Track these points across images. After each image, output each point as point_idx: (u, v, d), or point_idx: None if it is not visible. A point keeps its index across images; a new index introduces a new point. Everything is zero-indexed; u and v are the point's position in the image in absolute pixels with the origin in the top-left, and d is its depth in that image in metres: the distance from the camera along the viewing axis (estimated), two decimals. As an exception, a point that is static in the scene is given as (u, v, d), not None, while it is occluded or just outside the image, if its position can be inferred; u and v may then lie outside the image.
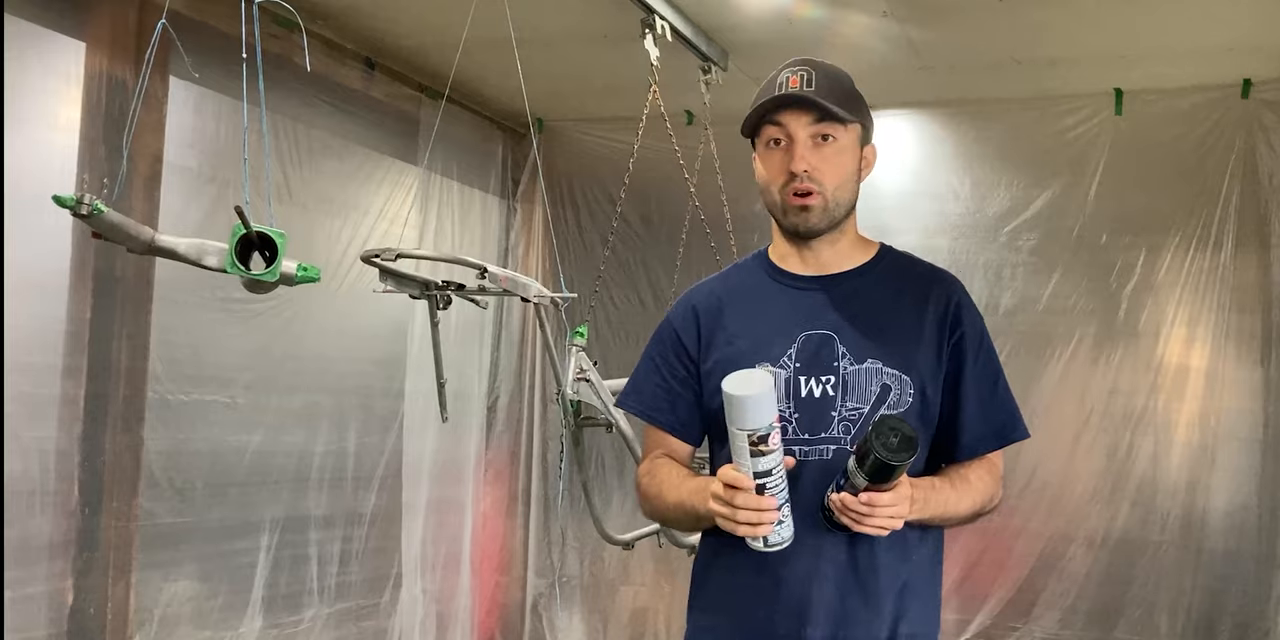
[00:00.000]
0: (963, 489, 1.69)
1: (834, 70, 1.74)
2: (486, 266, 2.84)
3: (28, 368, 2.99)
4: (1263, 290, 4.20)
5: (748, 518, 1.51)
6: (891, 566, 1.67)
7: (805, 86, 1.69)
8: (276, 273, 2.29)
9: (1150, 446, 4.30)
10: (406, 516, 4.50)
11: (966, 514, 1.71)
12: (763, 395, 1.47)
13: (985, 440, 1.74)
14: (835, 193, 1.70)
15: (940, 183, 4.55)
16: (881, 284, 1.76)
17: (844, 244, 1.78)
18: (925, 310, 1.73)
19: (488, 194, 5.06)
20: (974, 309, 1.77)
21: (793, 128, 1.69)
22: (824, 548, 1.64)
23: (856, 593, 1.66)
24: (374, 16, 3.88)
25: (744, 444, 1.48)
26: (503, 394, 5.14)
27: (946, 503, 1.66)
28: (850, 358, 1.69)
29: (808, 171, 1.67)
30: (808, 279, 1.77)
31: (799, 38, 3.75)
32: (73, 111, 3.14)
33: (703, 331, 1.78)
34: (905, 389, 1.68)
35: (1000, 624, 4.34)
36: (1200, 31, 3.75)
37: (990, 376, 1.75)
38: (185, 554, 3.54)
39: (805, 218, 1.70)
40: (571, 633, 5.03)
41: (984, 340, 1.76)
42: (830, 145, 1.69)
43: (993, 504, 1.75)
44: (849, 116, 1.69)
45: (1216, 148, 4.21)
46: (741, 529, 1.52)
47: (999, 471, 1.77)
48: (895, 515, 1.54)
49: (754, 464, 1.49)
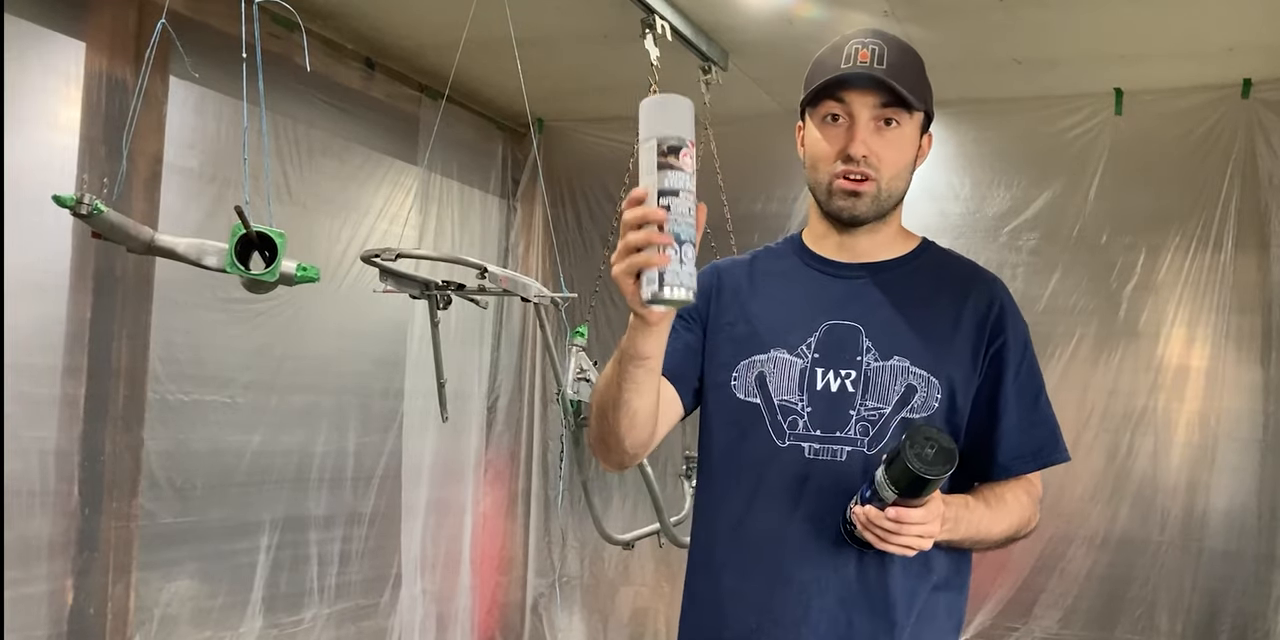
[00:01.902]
0: (999, 510, 1.57)
1: (908, 49, 1.60)
2: (486, 266, 2.85)
3: (28, 368, 2.98)
4: (1263, 290, 4.19)
5: (638, 238, 1.27)
6: (907, 585, 1.54)
7: (876, 63, 1.54)
8: (276, 273, 2.29)
9: (1150, 446, 4.29)
10: (406, 516, 4.50)
11: (1000, 537, 1.59)
12: (678, 104, 1.32)
13: (1022, 460, 1.62)
14: (890, 182, 1.59)
15: (940, 183, 4.54)
16: (919, 278, 1.64)
17: (885, 234, 1.65)
18: (963, 310, 1.60)
19: (488, 194, 5.05)
20: (1019, 315, 1.64)
21: (856, 107, 1.55)
22: (826, 556, 1.53)
23: (863, 609, 1.53)
24: (374, 16, 3.88)
25: (652, 156, 1.31)
26: (503, 394, 5.13)
27: (980, 524, 1.54)
28: (875, 353, 1.57)
29: (866, 156, 1.55)
30: (841, 265, 1.64)
31: (799, 38, 3.75)
32: (73, 111, 3.14)
33: (720, 303, 1.66)
34: (933, 392, 1.56)
35: (1000, 624, 4.34)
36: (1200, 31, 3.75)
37: (1032, 391, 1.62)
38: (185, 554, 3.54)
39: (853, 204, 1.58)
40: (571, 633, 5.03)
41: (1027, 351, 1.63)
42: (894, 130, 1.56)
43: (1029, 528, 1.63)
44: (917, 103, 1.56)
45: (1216, 148, 4.20)
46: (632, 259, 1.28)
47: (1038, 493, 1.65)
48: (925, 534, 1.41)
49: (659, 179, 1.31)
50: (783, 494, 1.56)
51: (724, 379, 1.62)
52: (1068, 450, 1.66)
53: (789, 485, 1.56)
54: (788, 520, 1.55)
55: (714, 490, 1.64)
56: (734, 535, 1.60)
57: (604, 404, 1.52)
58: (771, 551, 1.56)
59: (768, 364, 1.59)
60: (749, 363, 1.61)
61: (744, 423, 1.60)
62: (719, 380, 1.62)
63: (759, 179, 4.54)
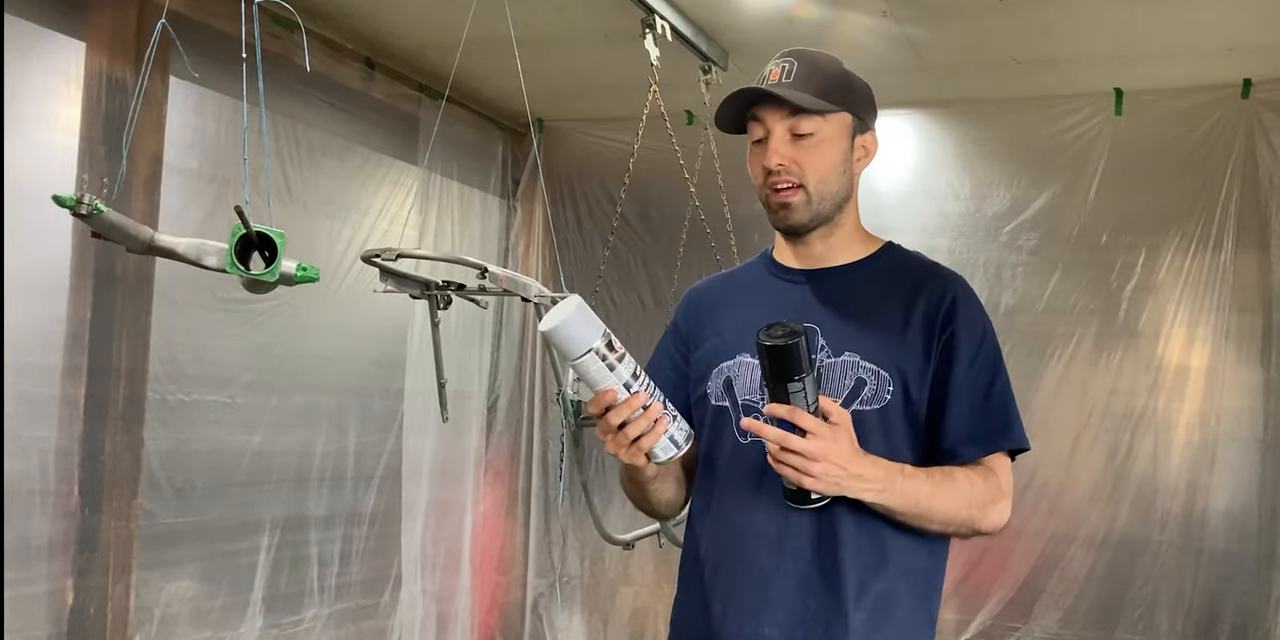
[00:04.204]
0: (945, 486, 1.57)
1: (820, 59, 1.67)
2: (487, 266, 2.84)
3: (28, 368, 2.98)
4: (1263, 290, 4.20)
5: (637, 428, 1.48)
6: (859, 570, 1.57)
7: (785, 79, 1.63)
8: (276, 273, 2.28)
9: (1150, 446, 4.29)
10: (406, 516, 4.50)
11: (946, 515, 1.57)
12: (578, 312, 1.43)
13: (969, 445, 1.61)
14: (819, 185, 1.64)
15: (940, 183, 4.54)
16: (875, 279, 1.69)
17: (839, 238, 1.71)
18: (915, 306, 1.64)
19: (488, 194, 5.05)
20: (974, 308, 1.66)
21: (769, 123, 1.64)
22: (785, 543, 1.59)
23: (818, 594, 1.57)
24: (374, 16, 3.88)
25: (597, 365, 1.43)
26: (503, 394, 5.14)
27: (920, 494, 1.54)
28: (828, 350, 1.63)
29: (782, 165, 1.62)
30: (798, 272, 1.72)
31: (799, 38, 3.72)
32: (73, 111, 3.14)
33: (695, 324, 1.77)
34: (883, 385, 1.60)
35: (1000, 624, 4.34)
36: (1200, 31, 3.75)
37: (986, 379, 1.62)
38: (185, 554, 3.54)
39: (786, 214, 1.65)
40: (571, 633, 5.03)
41: (984, 342, 1.64)
42: (809, 138, 1.63)
43: (988, 518, 1.60)
44: (826, 107, 1.62)
45: (1216, 148, 4.21)
46: (639, 444, 1.49)
47: (1000, 483, 1.62)
48: (819, 450, 1.45)
49: (619, 375, 1.45)
50: (746, 487, 1.64)
51: (702, 389, 1.72)
52: (1026, 439, 1.64)
53: (751, 478, 1.63)
54: (751, 512, 1.63)
55: (700, 490, 1.75)
56: (710, 530, 1.69)
57: (631, 494, 1.77)
58: (737, 542, 1.64)
59: (734, 368, 1.69)
60: (719, 369, 1.71)
61: (718, 425, 1.69)
62: (700, 391, 1.73)
63: (759, 179, 4.55)
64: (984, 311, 1.68)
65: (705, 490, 1.72)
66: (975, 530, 1.61)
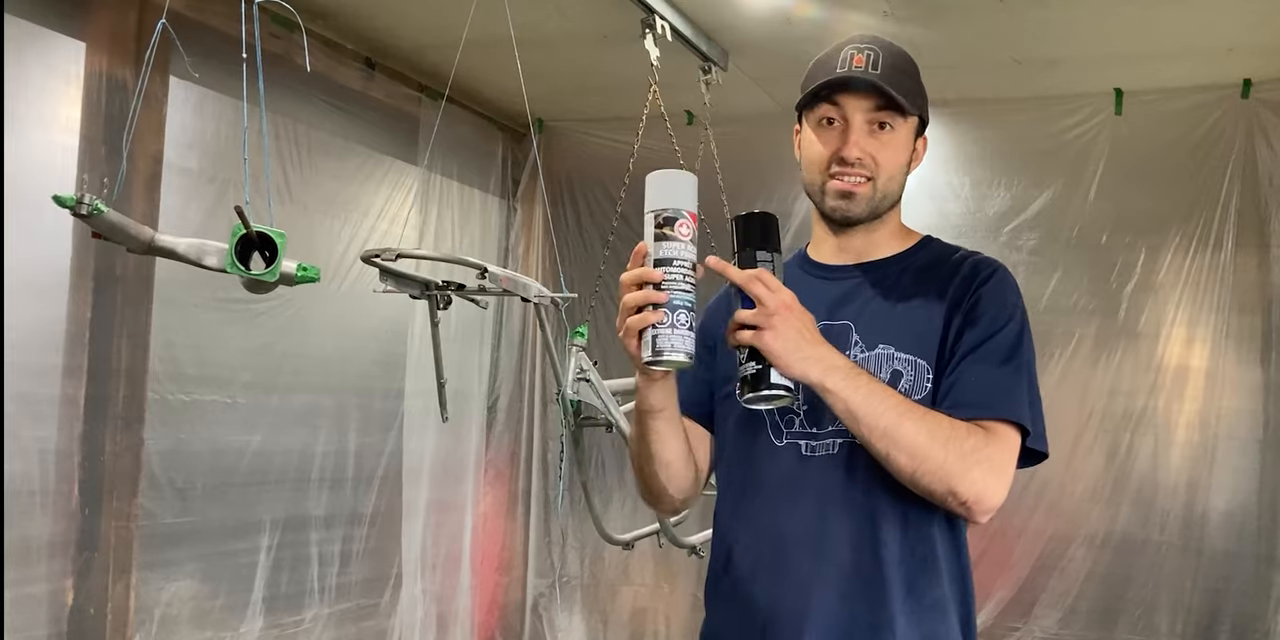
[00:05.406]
0: (919, 413, 1.45)
1: (903, 55, 1.63)
2: (487, 266, 2.84)
3: (28, 368, 2.98)
4: (1263, 290, 4.20)
5: (634, 298, 1.42)
6: (907, 570, 1.53)
7: (871, 68, 1.57)
8: (276, 273, 2.28)
9: (1150, 446, 4.29)
10: (406, 517, 4.50)
11: (914, 442, 1.43)
12: (677, 179, 1.46)
13: (963, 407, 1.50)
14: (886, 183, 1.62)
15: (940, 183, 4.54)
16: (910, 272, 1.65)
17: (882, 233, 1.68)
18: (947, 291, 1.59)
19: (488, 194, 5.05)
20: (1003, 286, 1.59)
21: (850, 110, 1.59)
22: (825, 549, 1.54)
23: (862, 601, 1.52)
24: (374, 16, 3.88)
25: (650, 227, 1.47)
26: (503, 394, 5.14)
27: (887, 401, 1.44)
28: (862, 345, 1.59)
29: (861, 159, 1.58)
30: (835, 268, 1.68)
31: (799, 38, 3.75)
32: (73, 111, 3.14)
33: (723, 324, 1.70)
34: (921, 375, 1.55)
35: (1000, 624, 4.34)
36: (1200, 31, 3.75)
37: (1002, 354, 1.54)
38: (185, 554, 3.54)
39: (848, 205, 1.61)
40: (571, 633, 5.03)
41: (1010, 320, 1.56)
42: (888, 133, 1.60)
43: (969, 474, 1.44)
44: (911, 107, 1.59)
45: (1216, 148, 4.21)
46: (630, 319, 1.42)
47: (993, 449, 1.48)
48: (784, 305, 1.41)
49: (655, 249, 1.46)
50: (783, 492, 1.59)
51: (731, 390, 1.62)
52: (1041, 428, 1.55)
53: (788, 482, 1.59)
54: (788, 517, 1.58)
55: (727, 495, 1.68)
56: (742, 538, 1.64)
57: (637, 460, 1.66)
58: (775, 549, 1.58)
59: None
60: None
61: (750, 428, 1.64)
62: (727, 391, 1.64)
63: (759, 179, 4.55)
64: (1018, 295, 1.61)
65: (734, 495, 1.66)
66: (951, 489, 1.45)
